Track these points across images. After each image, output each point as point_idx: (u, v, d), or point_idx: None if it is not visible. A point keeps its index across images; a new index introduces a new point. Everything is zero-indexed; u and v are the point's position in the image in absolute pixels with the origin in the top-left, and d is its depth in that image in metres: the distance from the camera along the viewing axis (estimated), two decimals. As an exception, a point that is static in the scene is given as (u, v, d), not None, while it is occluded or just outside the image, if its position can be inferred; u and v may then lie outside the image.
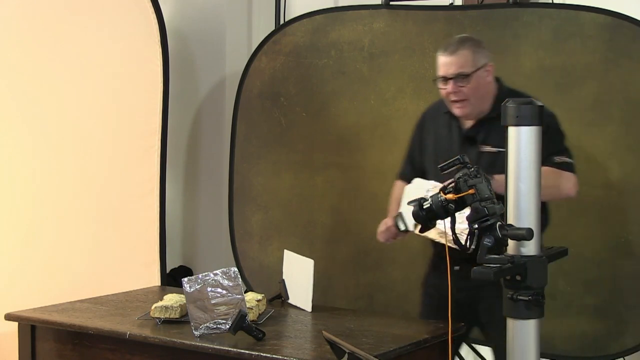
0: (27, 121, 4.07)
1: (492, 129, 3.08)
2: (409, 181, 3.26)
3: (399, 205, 3.21)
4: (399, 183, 3.36)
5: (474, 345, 4.08)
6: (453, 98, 3.08)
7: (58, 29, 4.10)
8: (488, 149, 3.07)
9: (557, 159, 3.02)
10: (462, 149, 3.09)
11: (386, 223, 3.17)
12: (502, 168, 2.72)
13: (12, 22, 4.08)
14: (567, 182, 3.02)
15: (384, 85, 4.00)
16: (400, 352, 2.65)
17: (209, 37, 4.72)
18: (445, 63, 3.07)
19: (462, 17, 3.84)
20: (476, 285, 2.88)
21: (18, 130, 4.07)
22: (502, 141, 2.91)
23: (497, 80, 3.17)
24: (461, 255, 2.59)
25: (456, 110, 3.11)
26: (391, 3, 4.00)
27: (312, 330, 2.91)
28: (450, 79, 3.05)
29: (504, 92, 3.13)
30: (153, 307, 2.94)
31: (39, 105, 4.07)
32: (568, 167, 3.02)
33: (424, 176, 3.19)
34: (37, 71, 4.07)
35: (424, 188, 3.01)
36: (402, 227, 3.06)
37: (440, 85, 3.10)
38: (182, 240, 4.82)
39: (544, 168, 2.83)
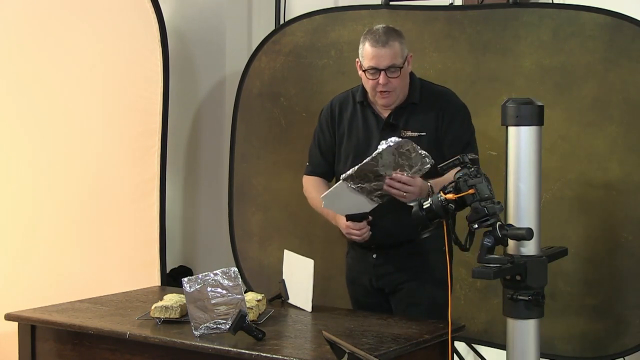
0: (27, 121, 4.07)
1: (410, 115, 3.18)
2: (321, 175, 3.34)
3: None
4: (310, 179, 3.37)
5: (473, 345, 4.08)
6: (382, 89, 3.11)
7: (58, 29, 4.10)
8: (409, 133, 3.15)
9: (470, 155, 3.05)
10: (383, 136, 3.14)
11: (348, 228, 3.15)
12: (425, 150, 2.93)
13: (12, 23, 4.08)
14: None
15: (383, 86, 3.99)
16: (400, 352, 2.65)
17: (209, 37, 4.73)
18: (378, 55, 3.08)
19: (462, 17, 3.84)
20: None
21: (18, 130, 4.07)
22: (420, 126, 3.14)
23: None
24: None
25: (381, 100, 3.15)
26: (391, 3, 4.00)
27: (312, 330, 2.91)
28: (382, 70, 3.08)
29: (416, 80, 3.24)
30: (153, 307, 2.94)
31: (39, 105, 4.07)
32: (477, 162, 3.05)
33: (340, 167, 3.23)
34: (36, 71, 4.08)
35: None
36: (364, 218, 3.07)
37: (369, 76, 3.11)
38: (182, 240, 4.82)
39: (454, 171, 2.83)
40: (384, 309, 3.22)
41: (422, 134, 3.14)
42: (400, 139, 2.92)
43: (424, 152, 2.92)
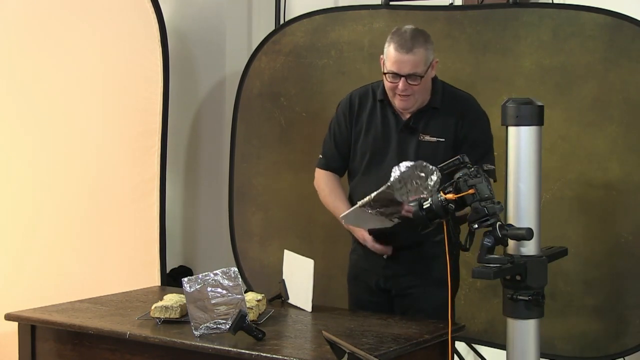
0: (27, 122, 4.07)
1: (430, 119, 3.15)
2: (334, 170, 3.29)
3: (340, 205, 3.19)
4: (323, 173, 3.32)
5: (474, 345, 4.08)
6: (401, 94, 3.08)
7: (58, 29, 4.10)
8: (428, 138, 3.12)
9: (485, 166, 3.00)
10: (401, 138, 3.14)
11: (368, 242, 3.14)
12: (442, 158, 2.88)
13: (12, 23, 4.08)
14: None
15: (383, 86, 3.99)
16: (400, 352, 2.65)
17: (209, 37, 4.73)
18: (400, 60, 3.03)
19: (462, 17, 3.84)
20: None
21: (18, 130, 4.07)
22: (440, 132, 3.10)
23: None
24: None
25: (399, 103, 3.12)
26: (391, 3, 4.00)
27: (312, 330, 2.91)
28: (403, 76, 3.05)
29: (438, 84, 3.20)
30: (153, 307, 2.94)
31: (39, 105, 4.07)
32: (494, 174, 3.03)
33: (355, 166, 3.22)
34: (36, 71, 4.08)
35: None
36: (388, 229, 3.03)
37: (389, 79, 3.08)
38: (182, 240, 4.82)
39: None
40: (384, 310, 3.20)
41: (441, 139, 3.11)
42: (410, 164, 2.86)
43: (431, 165, 2.86)
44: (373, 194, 2.87)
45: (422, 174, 2.86)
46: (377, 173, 3.11)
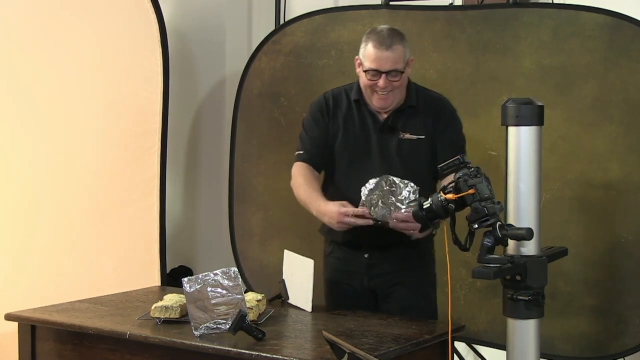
0: (27, 121, 4.07)
1: (409, 118, 3.17)
2: (312, 164, 3.26)
3: (314, 194, 3.17)
4: (300, 166, 3.29)
5: (474, 345, 4.08)
6: (381, 92, 3.10)
7: (58, 29, 4.10)
8: (408, 136, 3.15)
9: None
10: (381, 137, 3.16)
11: (343, 214, 3.03)
12: (424, 154, 3.02)
13: (12, 23, 4.08)
14: None
15: (383, 85, 3.99)
16: (400, 352, 2.65)
17: (209, 37, 4.73)
18: (380, 57, 3.06)
19: (462, 17, 3.84)
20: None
21: (18, 130, 4.07)
22: (419, 129, 3.14)
23: None
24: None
25: (378, 102, 3.14)
26: (391, 3, 4.00)
27: (312, 330, 2.91)
28: (383, 73, 3.07)
29: (412, 84, 3.23)
30: (153, 307, 2.94)
31: (39, 105, 4.07)
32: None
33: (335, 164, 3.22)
34: (36, 71, 4.08)
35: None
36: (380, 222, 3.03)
37: (369, 77, 3.10)
38: (182, 240, 4.81)
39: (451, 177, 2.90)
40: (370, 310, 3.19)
41: (421, 137, 3.14)
42: (375, 181, 2.93)
43: (402, 180, 2.93)
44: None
45: (393, 189, 2.90)
46: (359, 174, 3.10)
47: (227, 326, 2.73)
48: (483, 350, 4.06)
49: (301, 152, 3.30)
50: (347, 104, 3.24)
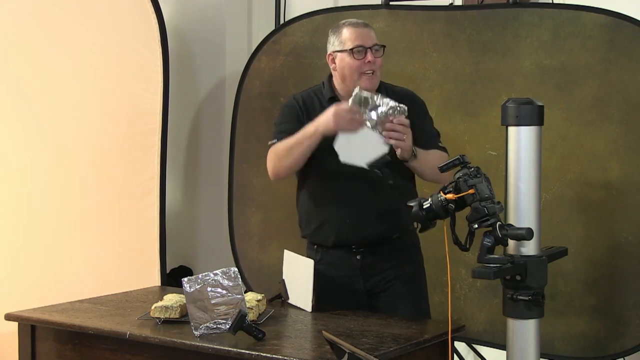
0: (26, 121, 4.07)
1: None
2: None
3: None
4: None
5: (474, 345, 4.08)
6: (369, 69, 3.11)
7: (57, 29, 4.10)
8: None
9: (440, 144, 3.21)
10: None
11: (341, 113, 3.00)
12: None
13: (11, 23, 4.08)
14: None
15: (383, 85, 3.99)
16: (400, 352, 2.65)
17: (209, 37, 4.73)
18: (362, 34, 3.12)
19: (462, 17, 3.84)
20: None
21: (17, 130, 4.07)
22: None
23: None
24: None
25: (366, 82, 3.12)
26: (391, 3, 4.00)
27: (312, 330, 2.91)
28: (369, 48, 3.10)
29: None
30: (153, 307, 2.94)
31: (38, 105, 4.07)
32: (447, 152, 3.19)
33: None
34: (36, 71, 4.08)
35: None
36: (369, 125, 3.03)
37: (356, 56, 3.10)
38: (182, 240, 4.81)
39: (436, 151, 3.11)
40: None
41: None
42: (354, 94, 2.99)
43: (377, 95, 2.99)
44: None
45: (370, 100, 3.00)
46: (339, 171, 3.08)
47: (227, 326, 2.73)
48: (483, 350, 4.06)
49: (275, 140, 3.21)
50: (319, 105, 3.20)
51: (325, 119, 3.03)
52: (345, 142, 3.02)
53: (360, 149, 3.01)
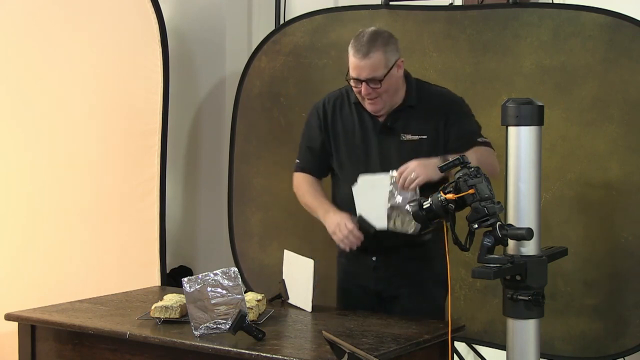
0: (26, 121, 4.07)
1: (409, 118, 3.14)
2: (311, 173, 3.30)
3: (320, 199, 3.23)
4: (301, 175, 3.34)
5: (474, 345, 4.08)
6: (367, 98, 3.09)
7: (57, 29, 4.10)
8: (409, 137, 3.13)
9: (480, 139, 3.12)
10: (380, 139, 3.15)
11: (341, 227, 3.08)
12: (426, 155, 2.99)
13: (11, 23, 4.08)
14: (496, 159, 3.08)
15: (384, 85, 3.99)
16: (400, 352, 2.65)
17: (209, 37, 4.73)
18: (357, 66, 3.04)
19: (462, 17, 3.84)
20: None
21: (17, 130, 4.07)
22: (421, 129, 3.12)
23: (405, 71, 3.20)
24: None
25: (369, 106, 3.13)
26: (391, 3, 4.00)
27: (312, 330, 2.91)
28: (363, 81, 3.05)
29: (412, 82, 3.20)
30: (153, 307, 2.94)
31: (38, 105, 4.07)
32: (491, 145, 3.13)
33: (342, 168, 3.22)
34: (36, 71, 4.08)
35: (382, 183, 3.02)
36: (372, 230, 3.03)
37: (353, 84, 3.10)
38: (182, 240, 4.82)
39: (479, 148, 3.04)
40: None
41: (423, 137, 3.12)
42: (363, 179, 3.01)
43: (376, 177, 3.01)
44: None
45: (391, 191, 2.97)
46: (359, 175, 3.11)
47: (227, 326, 2.73)
48: (483, 350, 4.06)
49: (298, 161, 3.36)
50: (348, 107, 3.23)
51: (329, 224, 3.14)
52: (369, 182, 3.05)
53: (371, 200, 3.04)
